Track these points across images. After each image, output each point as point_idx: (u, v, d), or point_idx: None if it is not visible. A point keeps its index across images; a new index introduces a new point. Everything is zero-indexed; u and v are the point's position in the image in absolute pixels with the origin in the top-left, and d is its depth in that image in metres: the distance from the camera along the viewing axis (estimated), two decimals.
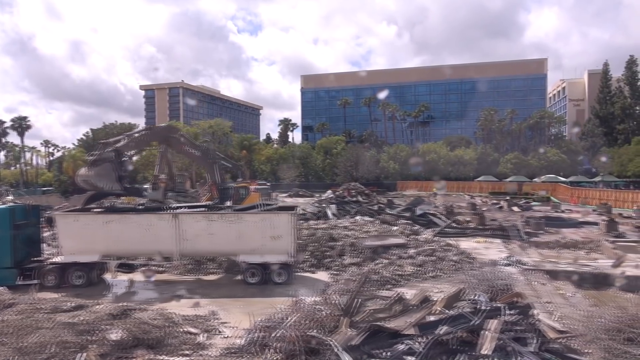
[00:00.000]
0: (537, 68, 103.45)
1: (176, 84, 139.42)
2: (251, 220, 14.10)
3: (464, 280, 12.65)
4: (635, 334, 9.32)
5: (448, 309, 8.90)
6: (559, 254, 21.23)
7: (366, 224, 22.22)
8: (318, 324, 8.85)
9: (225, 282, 15.04)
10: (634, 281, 14.62)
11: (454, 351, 7.52)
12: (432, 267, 15.15)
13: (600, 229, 25.46)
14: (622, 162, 69.19)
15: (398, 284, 13.94)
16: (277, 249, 14.01)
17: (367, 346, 8.10)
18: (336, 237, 17.95)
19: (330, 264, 16.12)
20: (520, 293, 9.38)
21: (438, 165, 75.84)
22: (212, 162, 18.28)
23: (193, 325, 10.04)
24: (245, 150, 67.54)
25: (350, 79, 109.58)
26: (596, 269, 15.44)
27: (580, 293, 14.20)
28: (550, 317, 10.94)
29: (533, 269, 15.50)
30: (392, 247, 16.90)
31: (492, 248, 19.33)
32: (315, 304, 10.06)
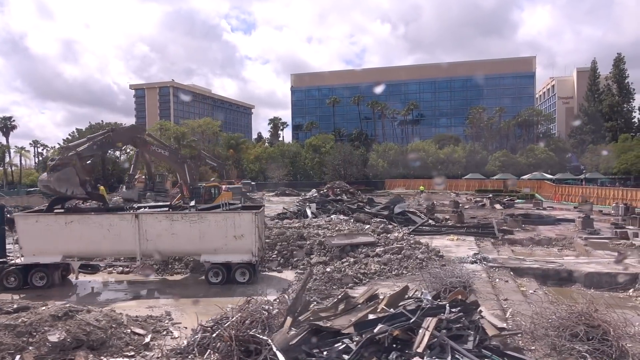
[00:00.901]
0: (525, 66, 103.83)
1: (166, 83, 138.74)
2: (213, 219, 14.01)
3: (424, 278, 12.65)
4: (582, 330, 9.37)
5: (392, 308, 8.89)
6: (532, 251, 21.38)
7: (340, 222, 22.21)
8: (262, 324, 8.83)
9: (189, 282, 14.97)
10: (597, 277, 14.71)
11: (389, 349, 7.52)
12: (397, 266, 15.13)
13: (576, 226, 25.60)
14: (609, 159, 69.61)
15: (361, 282, 13.92)
16: (240, 248, 13.95)
17: (307, 345, 8.08)
18: (306, 236, 17.91)
19: (297, 263, 16.08)
20: (462, 291, 9.36)
21: (426, 163, 75.95)
22: (182, 161, 18.16)
23: (141, 326, 9.96)
24: (233, 149, 67.28)
25: (341, 78, 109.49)
26: (561, 266, 15.49)
27: (542, 290, 14.28)
28: (504, 314, 11.00)
29: (498, 266, 15.55)
30: (360, 245, 16.86)
31: (464, 246, 19.35)
32: (265, 304, 10.04)
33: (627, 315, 12.02)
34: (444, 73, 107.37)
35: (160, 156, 18.41)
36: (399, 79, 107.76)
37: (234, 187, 26.00)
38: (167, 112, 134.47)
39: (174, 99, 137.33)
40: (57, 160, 14.41)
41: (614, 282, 14.53)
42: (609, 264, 15.79)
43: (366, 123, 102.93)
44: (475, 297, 10.03)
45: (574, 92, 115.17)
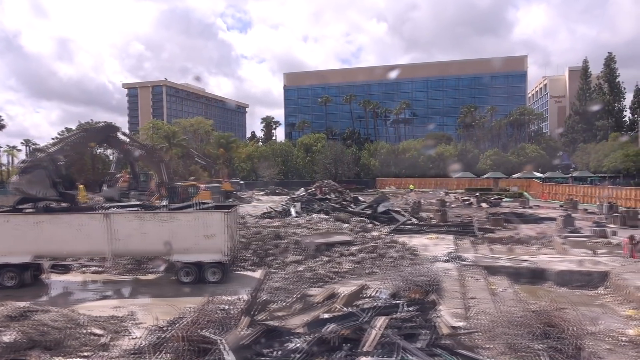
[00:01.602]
0: (517, 65, 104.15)
1: (159, 82, 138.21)
2: (184, 219, 13.95)
3: (391, 277, 12.65)
4: (540, 328, 9.40)
5: (348, 307, 8.89)
6: (511, 249, 21.46)
7: (321, 221, 22.22)
8: (218, 324, 8.81)
9: (161, 282, 14.90)
10: (568, 275, 14.77)
11: (339, 349, 7.51)
12: (370, 264, 15.14)
13: (557, 225, 25.70)
14: (598, 157, 69.92)
15: (332, 280, 13.92)
16: (211, 248, 13.89)
17: (258, 345, 8.07)
18: (282, 235, 17.89)
19: (271, 262, 16.05)
20: (419, 290, 9.36)
21: (418, 162, 76.10)
22: (158, 161, 18.06)
23: (102, 327, 9.91)
24: (223, 148, 67.13)
25: (333, 77, 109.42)
26: (533, 265, 15.55)
27: (513, 288, 14.33)
28: (466, 312, 11.03)
29: (471, 264, 15.59)
30: (336, 244, 16.87)
31: (441, 244, 19.37)
32: (225, 303, 10.02)
33: (593, 313, 12.16)
34: (436, 72, 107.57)
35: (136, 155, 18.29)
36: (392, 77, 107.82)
37: (212, 186, 25.87)
38: (160, 111, 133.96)
39: (167, 98, 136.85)
40: (28, 162, 14.31)
41: (585, 280, 14.60)
42: (581, 262, 15.85)
43: (359, 122, 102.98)
44: (435, 296, 10.03)
45: (566, 91, 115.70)
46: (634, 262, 15.87)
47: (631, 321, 11.54)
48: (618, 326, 11.08)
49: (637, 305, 12.20)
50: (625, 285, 13.21)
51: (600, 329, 10.71)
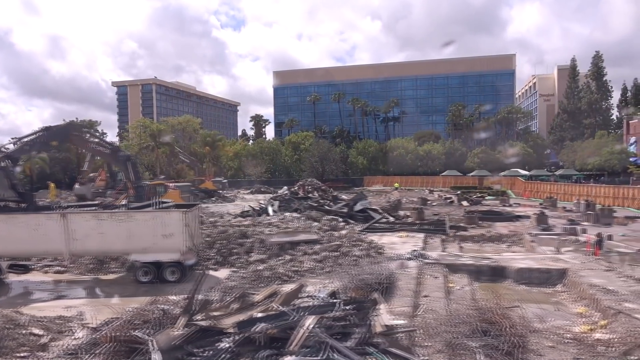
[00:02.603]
0: (506, 63, 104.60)
1: (149, 80, 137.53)
2: (142, 218, 13.89)
3: (346, 276, 12.65)
4: (480, 326, 9.44)
5: (286, 306, 8.89)
6: (481, 247, 21.58)
7: (293, 220, 22.22)
8: (155, 324, 8.77)
9: (121, 282, 14.84)
10: (527, 273, 14.86)
11: (265, 348, 7.50)
12: (332, 263, 15.15)
13: (531, 223, 25.86)
14: (584, 155, 70.49)
15: (290, 279, 13.90)
16: (170, 247, 13.85)
17: (190, 345, 8.03)
18: (249, 234, 17.85)
19: (235, 261, 16.01)
20: (359, 289, 9.38)
21: (405, 160, 76.24)
22: (124, 160, 17.93)
23: (45, 327, 9.85)
24: (209, 146, 66.90)
25: (323, 75, 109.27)
26: (495, 262, 15.63)
27: (471, 286, 14.40)
28: (414, 311, 11.05)
29: (434, 262, 15.64)
30: (301, 243, 16.86)
31: (410, 243, 19.41)
32: (165, 303, 9.99)
33: (544, 311, 12.24)
34: (426, 70, 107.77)
35: (100, 154, 18.18)
36: (381, 76, 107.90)
37: (182, 185, 25.69)
38: (150, 109, 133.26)
39: (156, 96, 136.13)
40: None
41: (544, 277, 14.70)
42: (543, 259, 15.96)
43: (349, 120, 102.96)
44: (378, 295, 10.05)
45: (555, 89, 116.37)
46: (595, 259, 15.99)
47: (581, 318, 11.62)
48: (566, 323, 11.15)
49: (588, 303, 12.28)
50: (580, 282, 13.31)
51: (547, 326, 10.77)
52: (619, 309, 10.81)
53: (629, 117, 73.12)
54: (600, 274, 14.06)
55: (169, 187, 23.64)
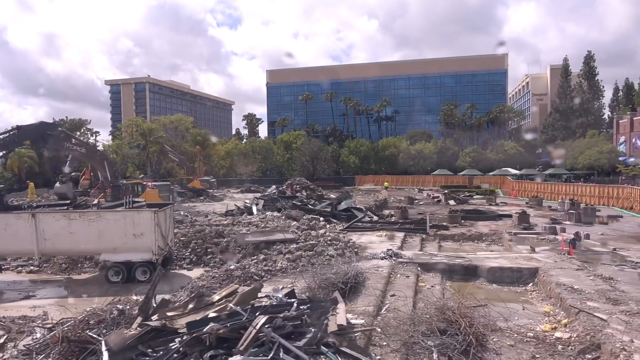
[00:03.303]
0: (498, 63, 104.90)
1: (142, 79, 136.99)
2: (112, 218, 13.85)
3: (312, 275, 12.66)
4: (438, 325, 9.48)
5: (243, 306, 8.89)
6: (461, 246, 21.64)
7: (273, 219, 22.22)
8: (111, 324, 8.77)
9: (93, 281, 14.81)
10: (499, 272, 14.92)
11: (215, 348, 7.49)
12: (305, 262, 15.14)
13: (513, 221, 25.96)
14: (574, 155, 70.75)
15: (261, 279, 13.87)
16: (140, 247, 13.83)
17: (143, 345, 8.02)
18: (226, 234, 17.84)
19: (209, 261, 16.01)
20: (318, 289, 9.38)
21: (397, 159, 76.31)
22: (101, 159, 17.85)
23: (4, 328, 9.82)
24: (199, 145, 66.76)
25: (316, 74, 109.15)
26: (468, 261, 15.68)
27: (442, 285, 14.44)
28: (377, 310, 11.06)
29: (407, 262, 15.67)
30: (277, 242, 16.85)
31: (388, 242, 19.44)
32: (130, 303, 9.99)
33: (511, 310, 12.27)
34: (418, 69, 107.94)
35: (77, 153, 18.06)
36: (375, 75, 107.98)
37: (160, 185, 25.56)
38: (143, 108, 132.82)
39: (150, 95, 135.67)
40: None
41: (516, 276, 14.76)
42: (517, 258, 16.02)
43: (343, 119, 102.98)
44: (338, 295, 10.08)
45: (548, 89, 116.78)
46: (568, 258, 16.07)
47: (545, 317, 11.68)
48: (530, 322, 11.20)
49: (554, 302, 12.35)
50: (548, 281, 13.37)
51: (510, 325, 10.82)
52: (581, 308, 10.87)
53: (619, 117, 73.54)
54: (570, 273, 14.14)
55: (147, 186, 23.55)
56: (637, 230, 24.67)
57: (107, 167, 18.08)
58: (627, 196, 33.46)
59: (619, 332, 9.51)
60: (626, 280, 13.74)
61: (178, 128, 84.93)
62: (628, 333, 9.45)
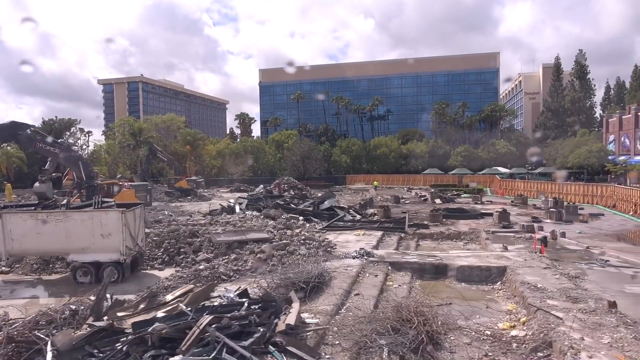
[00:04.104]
0: (490, 62, 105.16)
1: (135, 78, 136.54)
2: (79, 218, 13.83)
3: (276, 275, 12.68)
4: (392, 324, 9.53)
5: (194, 305, 8.92)
6: (438, 245, 21.71)
7: (252, 219, 22.24)
8: (62, 324, 8.77)
9: (63, 282, 14.76)
10: (468, 271, 14.99)
11: (159, 348, 7.51)
12: (276, 262, 15.16)
13: (493, 220, 26.07)
14: (565, 153, 71.03)
15: (229, 279, 13.89)
16: (108, 247, 13.81)
17: (92, 345, 8.03)
18: (200, 233, 17.84)
19: (181, 261, 15.99)
20: (266, 289, 9.40)
21: (388, 158, 76.42)
22: (75, 159, 17.79)
23: None
24: (190, 145, 66.62)
25: (309, 73, 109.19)
26: (439, 260, 15.74)
27: (411, 284, 14.49)
28: (336, 309, 11.08)
29: (378, 261, 15.72)
30: (250, 241, 16.87)
31: (364, 241, 19.48)
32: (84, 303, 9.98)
33: (475, 308, 12.33)
34: (411, 68, 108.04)
35: (50, 153, 17.98)
36: (368, 74, 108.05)
37: (137, 185, 25.43)
38: (137, 107, 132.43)
39: (143, 94, 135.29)
40: None
41: (485, 275, 14.83)
42: (488, 257, 16.10)
43: (336, 119, 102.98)
44: (292, 294, 10.10)
45: (540, 88, 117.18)
46: (539, 257, 16.16)
47: (507, 315, 11.75)
48: (491, 320, 11.28)
49: (518, 300, 12.42)
50: (514, 280, 13.45)
51: (470, 323, 10.89)
52: (539, 306, 10.95)
53: (608, 116, 73.90)
54: (537, 271, 14.22)
55: (124, 186, 23.41)
56: (615, 228, 24.85)
57: (82, 167, 18.02)
58: (610, 194, 33.66)
59: (572, 330, 9.58)
60: (592, 279, 13.84)
61: (170, 128, 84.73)
62: (581, 331, 9.54)
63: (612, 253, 17.36)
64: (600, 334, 9.33)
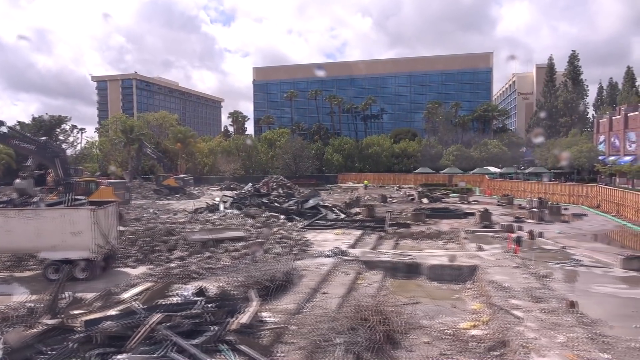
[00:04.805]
0: (483, 62, 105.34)
1: (129, 75, 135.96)
2: (49, 216, 13.80)
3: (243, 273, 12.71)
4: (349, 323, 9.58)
5: (150, 303, 8.93)
6: (418, 244, 21.77)
7: (232, 217, 22.27)
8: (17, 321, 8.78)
9: (35, 279, 14.71)
10: (439, 270, 15.06)
11: (107, 346, 7.53)
12: (249, 260, 15.18)
13: (475, 219, 26.18)
14: (555, 153, 71.29)
15: (200, 277, 13.89)
16: (79, 245, 13.78)
17: (43, 343, 8.04)
18: (177, 232, 17.84)
19: (155, 259, 15.99)
20: (224, 288, 9.42)
21: (381, 157, 76.49)
22: (52, 156, 17.74)
23: None
24: (180, 143, 66.49)
25: (303, 72, 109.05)
26: (412, 259, 15.81)
27: (383, 282, 14.54)
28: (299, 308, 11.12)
29: (352, 260, 15.77)
30: (225, 240, 16.90)
31: (343, 240, 19.53)
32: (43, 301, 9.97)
33: (441, 307, 12.41)
34: (404, 68, 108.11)
35: (26, 150, 17.92)
36: (360, 73, 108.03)
37: (116, 182, 25.36)
38: (130, 104, 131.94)
39: (137, 92, 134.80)
40: None
41: (456, 274, 14.91)
42: (461, 256, 16.18)
43: (331, 117, 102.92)
44: (253, 293, 10.13)
45: (534, 88, 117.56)
46: (511, 256, 16.26)
47: (472, 315, 11.81)
48: (454, 320, 11.33)
49: (484, 300, 12.49)
50: (483, 279, 13.53)
51: (433, 322, 10.94)
52: (501, 306, 11.03)
53: (599, 116, 74.24)
54: (507, 271, 14.32)
55: (102, 183, 23.35)
56: (595, 228, 25.01)
57: (59, 165, 17.98)
58: (594, 195, 33.84)
59: (529, 329, 9.68)
60: (560, 278, 13.94)
61: (163, 125, 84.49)
62: (537, 330, 9.62)
63: (585, 253, 17.49)
64: (555, 334, 9.42)
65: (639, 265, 14.88)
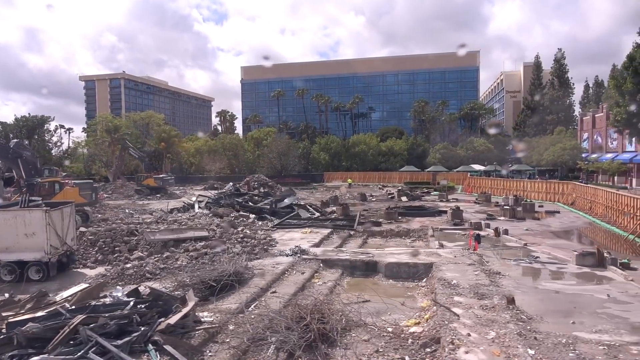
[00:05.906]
0: (470, 60, 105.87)
1: (117, 74, 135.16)
2: (2, 217, 13.75)
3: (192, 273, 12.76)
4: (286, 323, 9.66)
5: (80, 304, 8.96)
6: (386, 242, 21.91)
7: (201, 217, 22.27)
8: None
9: None
10: (396, 268, 15.19)
11: (25, 347, 7.55)
12: (207, 259, 15.22)
13: (447, 217, 26.37)
14: (540, 151, 71.82)
15: (155, 277, 13.92)
16: (33, 246, 13.76)
17: None
18: (139, 232, 17.82)
19: (115, 259, 15.97)
20: (155, 289, 9.46)
21: (367, 156, 76.69)
22: (14, 157, 17.66)
23: None
24: (164, 142, 66.27)
25: (291, 71, 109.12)
26: (370, 257, 15.92)
27: (339, 281, 14.63)
28: (245, 307, 11.18)
29: (311, 258, 15.87)
30: (187, 240, 16.91)
31: (309, 239, 19.61)
32: None
33: (387, 305, 12.48)
34: (392, 67, 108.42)
35: None
36: (348, 72, 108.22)
37: (82, 183, 25.24)
38: (119, 104, 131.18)
39: (125, 91, 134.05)
40: None
41: (412, 271, 15.04)
42: (420, 254, 16.31)
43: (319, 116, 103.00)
44: (189, 294, 10.15)
45: (521, 86, 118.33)
46: (470, 254, 16.42)
47: (418, 312, 11.93)
48: (399, 317, 11.45)
49: (433, 297, 12.62)
50: (434, 277, 13.67)
51: (377, 320, 11.01)
52: (442, 303, 11.16)
53: (583, 114, 74.89)
54: (460, 268, 14.47)
55: (67, 184, 23.20)
56: (565, 225, 25.30)
57: (22, 166, 17.91)
58: (570, 192, 34.20)
59: (463, 326, 9.80)
60: (512, 275, 14.09)
61: (149, 125, 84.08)
62: (472, 327, 9.75)
63: (545, 250, 17.69)
64: (488, 330, 9.56)
65: (592, 261, 15.10)
